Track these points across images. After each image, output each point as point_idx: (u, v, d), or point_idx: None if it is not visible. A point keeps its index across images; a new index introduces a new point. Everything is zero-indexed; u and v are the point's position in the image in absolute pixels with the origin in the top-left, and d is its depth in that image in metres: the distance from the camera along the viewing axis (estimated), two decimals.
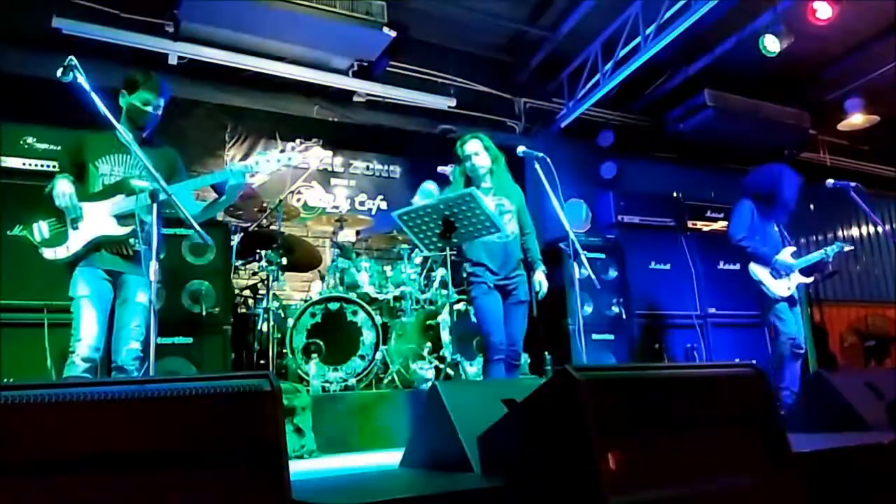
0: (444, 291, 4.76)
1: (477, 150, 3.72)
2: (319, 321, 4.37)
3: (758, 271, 4.43)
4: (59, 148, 4.04)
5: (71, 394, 1.17)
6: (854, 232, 8.95)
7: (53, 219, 2.97)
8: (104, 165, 3.08)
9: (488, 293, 3.55)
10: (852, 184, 4.45)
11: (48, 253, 2.94)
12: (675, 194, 6.47)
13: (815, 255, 4.56)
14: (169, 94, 3.16)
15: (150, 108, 3.08)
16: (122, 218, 3.01)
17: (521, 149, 3.86)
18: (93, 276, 2.96)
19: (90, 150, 3.09)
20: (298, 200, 5.90)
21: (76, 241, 2.95)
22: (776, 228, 4.61)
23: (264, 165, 3.16)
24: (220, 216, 4.78)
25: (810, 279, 4.59)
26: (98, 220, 2.99)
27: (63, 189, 2.91)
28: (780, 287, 4.39)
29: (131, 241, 3.04)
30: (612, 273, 5.66)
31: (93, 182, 3.05)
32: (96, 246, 2.98)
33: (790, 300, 4.41)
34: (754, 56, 5.68)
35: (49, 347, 3.57)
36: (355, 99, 6.29)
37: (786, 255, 4.48)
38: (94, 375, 2.93)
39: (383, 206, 6.36)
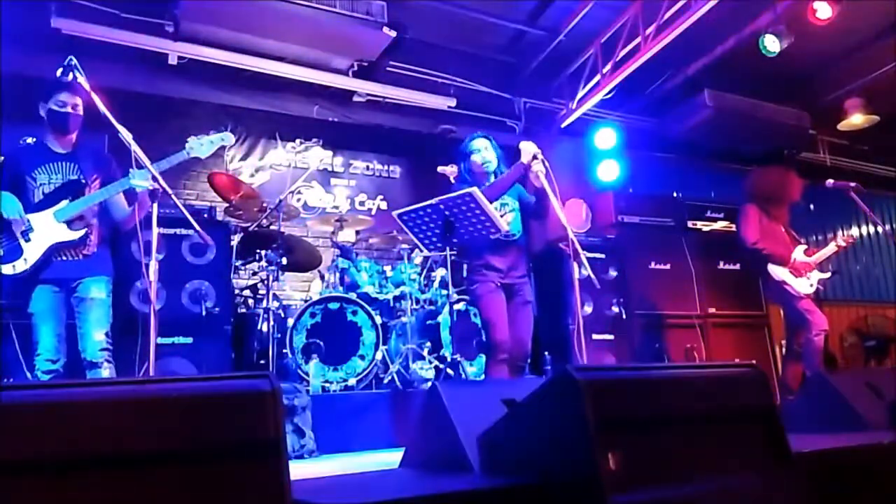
0: (444, 291, 4.76)
1: (487, 146, 3.73)
2: (319, 321, 4.37)
3: (778, 272, 4.46)
4: None
5: (70, 394, 1.17)
6: (854, 232, 8.95)
7: (1, 235, 2.99)
8: (41, 175, 3.11)
9: (494, 291, 3.51)
10: (852, 184, 4.47)
11: (6, 269, 2.97)
12: (675, 194, 6.47)
13: (828, 250, 4.60)
14: (85, 93, 3.09)
15: (68, 109, 3.09)
16: (71, 222, 3.05)
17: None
18: (46, 293, 3.02)
19: (25, 163, 3.12)
20: (298, 200, 5.90)
21: (32, 252, 2.98)
22: (783, 229, 4.65)
23: (198, 149, 3.19)
24: (220, 216, 4.79)
25: (828, 274, 4.62)
26: (49, 227, 3.02)
27: (10, 204, 2.97)
28: (803, 284, 4.46)
29: (85, 242, 3.09)
30: (612, 273, 5.66)
31: (32, 193, 3.08)
32: (53, 253, 3.02)
33: (813, 296, 4.48)
34: (754, 56, 5.68)
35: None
36: (355, 99, 6.29)
37: (800, 253, 4.53)
38: None
39: (383, 206, 6.37)
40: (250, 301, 4.92)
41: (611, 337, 5.50)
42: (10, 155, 3.21)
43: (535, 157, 3.44)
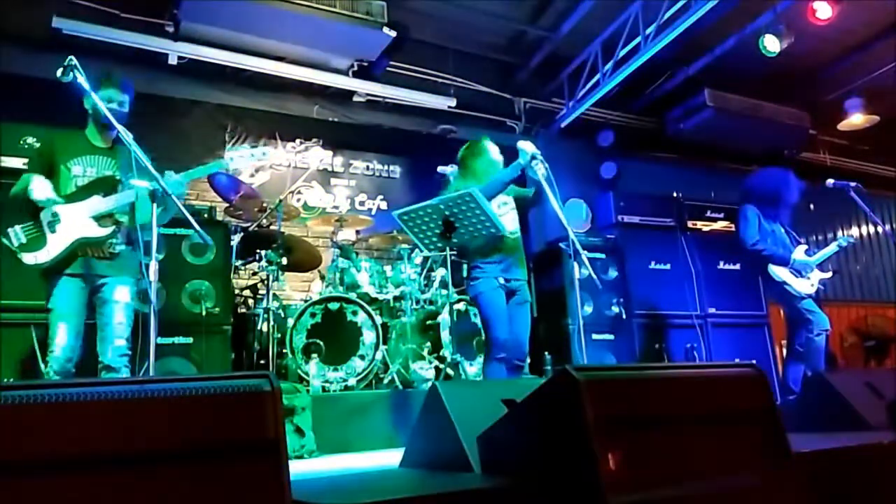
0: (444, 291, 4.76)
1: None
2: (319, 321, 4.37)
3: (779, 272, 4.47)
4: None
5: (71, 394, 1.17)
6: (854, 232, 8.95)
7: (29, 222, 2.95)
8: (76, 167, 3.07)
9: (496, 289, 3.49)
10: (852, 184, 4.47)
11: (28, 258, 2.92)
12: (675, 194, 6.47)
13: (829, 250, 4.60)
14: (132, 91, 3.12)
15: (114, 106, 3.04)
16: (100, 219, 3.01)
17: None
18: (70, 287, 2.96)
19: (62, 152, 3.08)
20: (298, 200, 5.90)
21: (56, 244, 2.93)
22: (782, 230, 4.66)
23: (238, 161, 3.16)
24: (220, 216, 4.79)
25: (829, 274, 4.63)
26: (77, 221, 2.97)
27: (41, 186, 2.91)
28: (804, 285, 4.46)
29: (111, 241, 3.04)
30: (612, 273, 5.67)
31: (64, 184, 3.04)
32: (78, 248, 2.97)
33: (814, 296, 4.48)
34: (754, 56, 5.68)
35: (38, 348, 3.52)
36: (355, 99, 6.29)
37: (800, 253, 4.54)
38: None
39: (383, 206, 6.36)
40: (250, 301, 4.92)
41: (611, 337, 5.50)
42: (47, 141, 3.18)
43: (533, 158, 3.43)
